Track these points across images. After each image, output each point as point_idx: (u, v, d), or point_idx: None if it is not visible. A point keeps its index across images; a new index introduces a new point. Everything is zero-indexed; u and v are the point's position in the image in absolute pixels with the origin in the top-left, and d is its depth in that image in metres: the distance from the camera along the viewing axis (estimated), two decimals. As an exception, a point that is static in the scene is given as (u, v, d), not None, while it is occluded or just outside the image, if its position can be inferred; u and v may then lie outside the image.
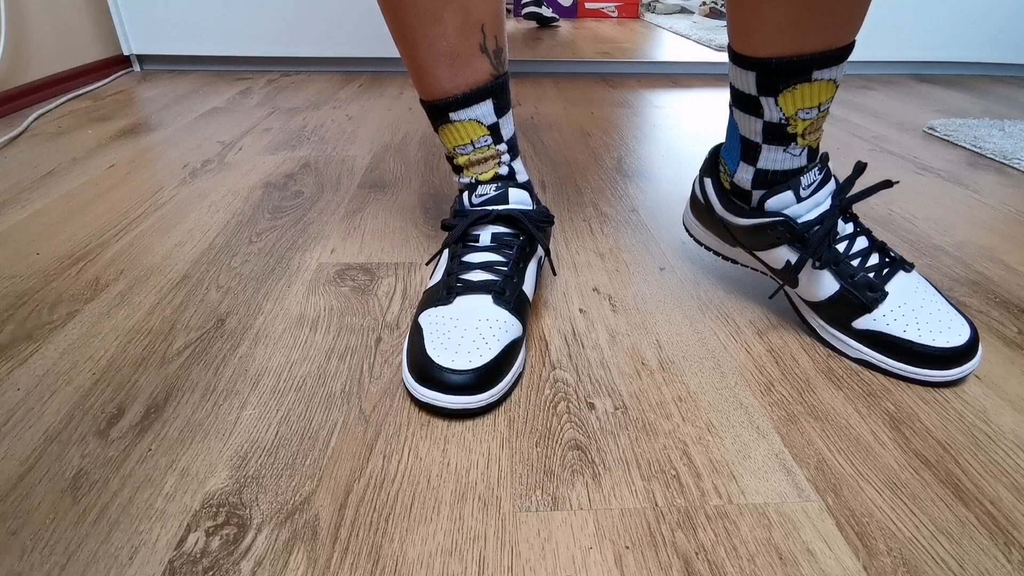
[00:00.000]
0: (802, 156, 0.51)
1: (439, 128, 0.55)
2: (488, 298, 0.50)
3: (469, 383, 0.44)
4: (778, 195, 0.51)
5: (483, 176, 0.56)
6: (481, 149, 0.54)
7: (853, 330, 0.52)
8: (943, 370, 0.49)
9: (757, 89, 0.49)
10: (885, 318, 0.50)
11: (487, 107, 0.53)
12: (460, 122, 0.53)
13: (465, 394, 0.44)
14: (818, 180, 0.51)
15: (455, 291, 0.50)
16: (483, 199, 0.55)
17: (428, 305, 0.51)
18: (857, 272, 0.51)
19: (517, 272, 0.53)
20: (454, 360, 0.45)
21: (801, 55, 0.46)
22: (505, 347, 0.47)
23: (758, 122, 0.51)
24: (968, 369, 0.49)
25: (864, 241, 0.52)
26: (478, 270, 0.52)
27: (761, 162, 0.52)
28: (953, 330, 0.49)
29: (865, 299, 0.51)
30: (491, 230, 0.54)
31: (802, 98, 0.48)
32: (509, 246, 0.53)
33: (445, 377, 0.44)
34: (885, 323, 0.50)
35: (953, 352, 0.48)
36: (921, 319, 0.50)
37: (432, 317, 0.49)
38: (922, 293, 0.51)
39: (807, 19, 0.44)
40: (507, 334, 0.48)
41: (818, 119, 0.50)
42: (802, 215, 0.51)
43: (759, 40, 0.47)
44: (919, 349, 0.49)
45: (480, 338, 0.47)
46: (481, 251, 0.53)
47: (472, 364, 0.45)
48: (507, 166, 0.56)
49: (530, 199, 0.56)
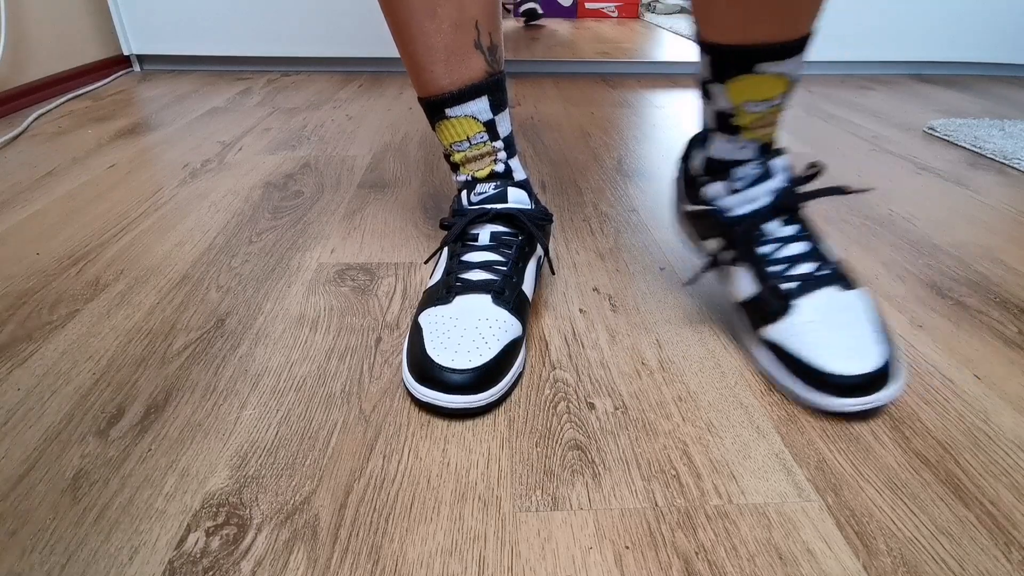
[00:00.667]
0: (747, 150, 0.50)
1: (436, 125, 0.55)
2: (487, 298, 0.50)
3: (469, 383, 0.44)
4: (712, 184, 0.51)
5: (479, 173, 0.56)
6: (477, 146, 0.54)
7: (760, 338, 0.48)
8: (836, 398, 0.43)
9: (711, 75, 0.48)
10: (789, 331, 0.46)
11: (483, 104, 0.53)
12: (456, 118, 0.53)
13: (465, 394, 0.44)
14: (754, 175, 0.49)
15: (454, 290, 0.50)
16: (481, 198, 0.55)
17: (428, 305, 0.51)
18: (773, 277, 0.48)
19: (516, 272, 0.53)
20: (454, 360, 0.45)
21: (745, 44, 0.44)
22: (505, 347, 0.47)
23: (708, 107, 0.50)
24: (870, 402, 0.43)
25: (801, 247, 0.49)
26: (477, 269, 0.52)
27: (710, 149, 0.52)
28: (862, 358, 0.43)
29: (771, 307, 0.47)
30: (490, 229, 0.54)
31: (748, 90, 0.46)
32: (508, 245, 0.53)
33: (445, 377, 0.44)
34: (788, 336, 0.46)
35: (851, 381, 0.43)
36: (828, 340, 0.45)
37: (432, 317, 0.49)
38: (845, 315, 0.46)
39: (752, 6, 0.43)
40: (507, 334, 0.48)
41: (767, 114, 0.48)
42: (733, 208, 0.50)
43: (711, 24, 0.46)
44: (814, 371, 0.44)
45: (480, 337, 0.46)
46: (480, 250, 0.53)
47: (472, 364, 0.45)
48: (503, 164, 0.56)
49: (528, 198, 0.56)
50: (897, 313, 0.60)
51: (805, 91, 1.51)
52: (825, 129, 1.20)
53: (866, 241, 0.74)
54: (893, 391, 0.44)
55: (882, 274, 0.67)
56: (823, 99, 1.43)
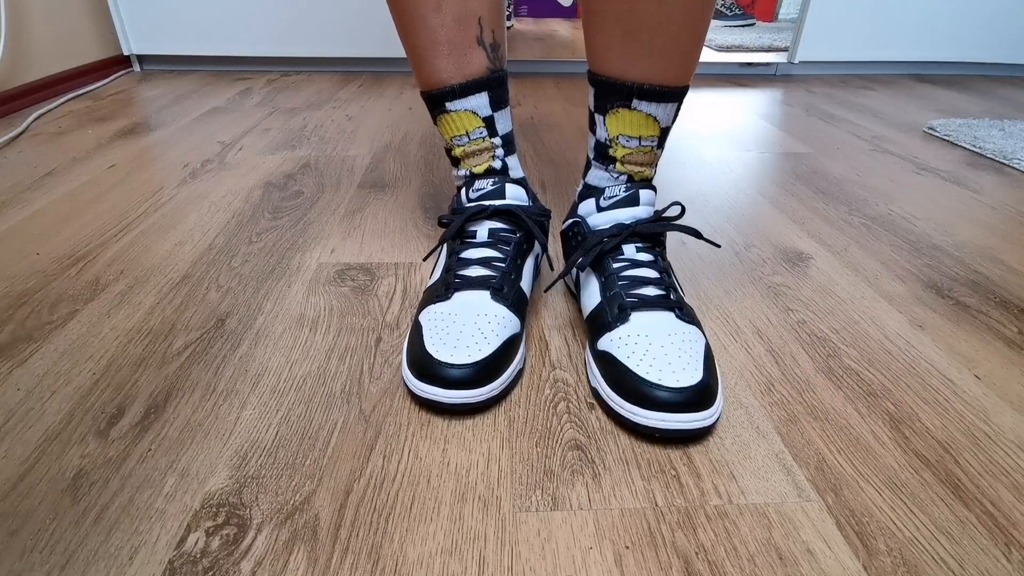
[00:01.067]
0: (620, 181, 0.53)
1: (437, 118, 0.56)
2: (486, 294, 0.50)
3: (469, 377, 0.44)
4: (584, 200, 0.55)
5: (477, 169, 0.57)
6: (476, 141, 0.56)
7: (595, 350, 0.48)
8: (650, 411, 0.42)
9: (594, 105, 0.52)
10: (620, 340, 0.46)
11: (483, 99, 0.54)
12: (456, 112, 0.55)
13: (465, 388, 0.44)
14: (621, 196, 0.52)
15: (453, 287, 0.51)
16: (479, 194, 0.55)
17: (427, 303, 0.51)
18: (617, 290, 0.49)
19: (515, 268, 0.53)
20: (453, 355, 0.45)
21: (624, 80, 0.48)
22: (504, 342, 0.47)
23: (592, 138, 0.54)
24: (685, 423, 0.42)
25: (651, 273, 0.50)
26: (476, 266, 0.52)
27: (588, 176, 0.56)
28: (682, 373, 0.43)
29: (610, 315, 0.48)
30: (488, 225, 0.54)
31: (623, 123, 0.50)
32: (506, 242, 0.54)
33: (445, 372, 0.44)
34: (617, 345, 0.46)
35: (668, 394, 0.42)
36: (651, 353, 0.44)
37: (431, 314, 0.49)
38: (673, 338, 0.45)
39: (629, 46, 0.46)
40: (506, 329, 0.48)
41: (639, 152, 0.51)
42: (599, 224, 0.53)
43: (598, 58, 0.49)
44: (633, 379, 0.43)
45: (479, 332, 0.46)
46: (478, 247, 0.53)
47: (471, 358, 0.45)
48: (500, 160, 0.57)
49: (526, 195, 0.57)
50: (897, 313, 0.60)
51: (805, 91, 1.51)
52: (825, 129, 1.20)
53: (866, 241, 0.74)
54: (706, 416, 0.42)
55: (882, 274, 0.67)
56: (823, 99, 1.43)
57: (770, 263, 0.69)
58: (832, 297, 0.62)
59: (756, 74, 1.68)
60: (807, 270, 0.67)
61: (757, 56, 1.73)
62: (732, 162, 1.01)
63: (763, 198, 0.87)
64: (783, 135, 1.15)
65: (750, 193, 0.88)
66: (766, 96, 1.45)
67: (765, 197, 0.87)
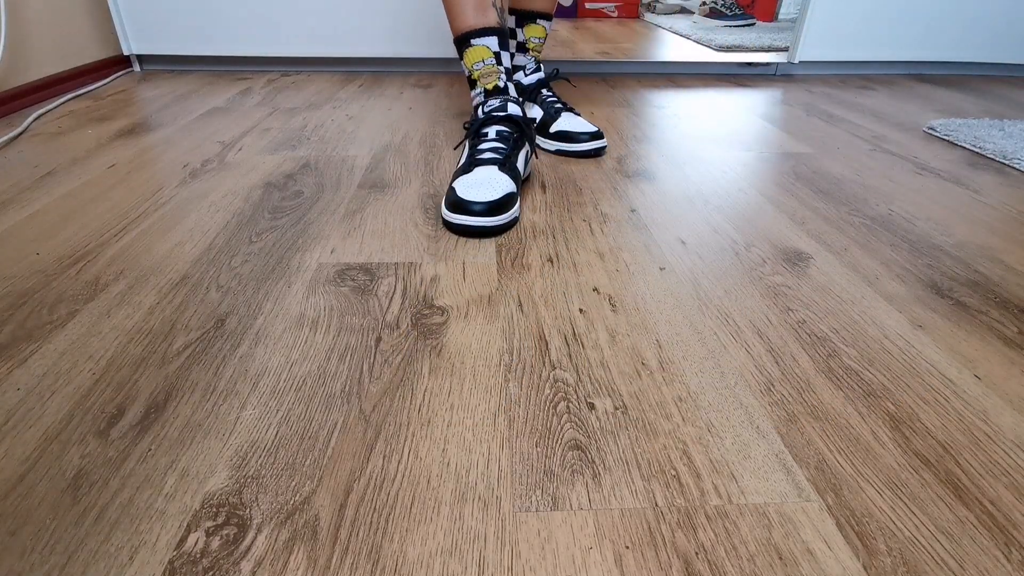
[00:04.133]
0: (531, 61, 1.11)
1: (463, 52, 0.86)
2: (495, 167, 0.78)
3: (486, 210, 0.72)
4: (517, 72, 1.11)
5: (488, 85, 0.85)
6: (488, 66, 0.85)
7: (549, 132, 1.03)
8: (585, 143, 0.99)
9: (515, 23, 1.08)
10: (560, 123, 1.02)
11: (493, 40, 0.85)
12: (476, 46, 0.85)
13: (484, 216, 0.71)
14: (533, 68, 1.10)
15: (475, 164, 0.79)
16: (490, 108, 0.84)
17: (458, 175, 0.78)
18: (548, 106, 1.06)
19: (513, 155, 0.81)
20: (476, 196, 0.72)
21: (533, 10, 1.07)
22: (506, 194, 0.74)
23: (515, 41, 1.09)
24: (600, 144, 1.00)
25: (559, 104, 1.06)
26: (488, 152, 0.80)
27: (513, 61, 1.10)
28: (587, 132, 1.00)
29: (553, 113, 1.04)
30: (495, 128, 0.83)
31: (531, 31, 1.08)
32: (507, 139, 0.82)
33: (471, 207, 0.72)
34: (560, 126, 1.02)
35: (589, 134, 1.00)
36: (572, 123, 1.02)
37: (461, 180, 0.76)
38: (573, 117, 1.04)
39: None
40: (506, 187, 0.75)
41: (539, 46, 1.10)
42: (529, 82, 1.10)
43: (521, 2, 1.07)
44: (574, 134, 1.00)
45: (490, 186, 0.74)
46: (489, 141, 0.82)
47: (487, 199, 0.72)
48: (504, 81, 0.86)
49: (520, 110, 0.85)
50: (897, 313, 0.60)
51: (805, 91, 1.51)
52: (825, 129, 1.20)
53: (866, 241, 0.74)
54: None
55: (882, 274, 0.67)
56: (823, 99, 1.43)
57: (770, 263, 0.69)
58: (832, 297, 0.62)
59: (756, 74, 1.68)
60: (807, 270, 0.67)
61: (757, 56, 1.73)
62: (732, 162, 1.01)
63: (763, 198, 0.87)
64: (783, 135, 1.15)
65: (750, 193, 0.88)
66: (766, 96, 1.45)
67: (765, 197, 0.87)
